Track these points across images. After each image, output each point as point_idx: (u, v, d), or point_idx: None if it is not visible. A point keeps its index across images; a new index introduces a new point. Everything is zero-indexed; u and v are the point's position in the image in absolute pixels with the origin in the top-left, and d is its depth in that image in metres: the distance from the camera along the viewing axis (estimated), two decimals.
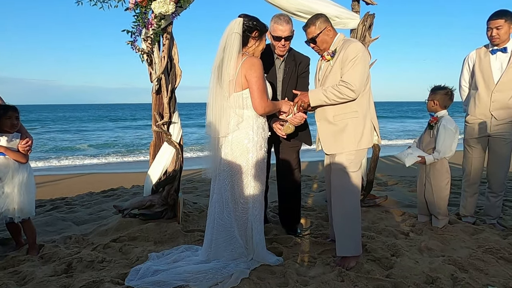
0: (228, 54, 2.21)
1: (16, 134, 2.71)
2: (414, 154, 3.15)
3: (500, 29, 3.02)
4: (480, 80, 3.20)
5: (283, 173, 3.14)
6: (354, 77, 2.36)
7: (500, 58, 3.11)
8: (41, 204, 4.36)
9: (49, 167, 9.58)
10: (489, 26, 3.08)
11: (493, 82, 3.13)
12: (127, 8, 2.94)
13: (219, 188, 2.34)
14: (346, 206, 2.49)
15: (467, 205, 3.40)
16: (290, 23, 2.80)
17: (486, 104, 3.17)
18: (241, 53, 2.26)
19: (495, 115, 3.15)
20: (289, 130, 2.60)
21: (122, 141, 16.81)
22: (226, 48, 2.23)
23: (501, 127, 3.16)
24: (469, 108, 3.31)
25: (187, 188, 5.32)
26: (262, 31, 2.33)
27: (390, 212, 3.71)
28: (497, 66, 3.12)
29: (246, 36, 2.26)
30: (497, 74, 3.12)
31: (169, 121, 3.26)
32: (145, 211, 3.34)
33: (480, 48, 3.27)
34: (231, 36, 2.22)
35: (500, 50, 3.09)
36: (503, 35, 3.03)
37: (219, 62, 2.26)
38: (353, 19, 3.46)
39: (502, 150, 3.19)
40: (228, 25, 2.28)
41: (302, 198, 4.26)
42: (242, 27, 2.24)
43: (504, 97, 3.10)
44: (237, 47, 2.22)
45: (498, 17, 3.03)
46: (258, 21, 2.32)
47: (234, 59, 2.20)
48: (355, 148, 2.46)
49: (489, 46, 3.17)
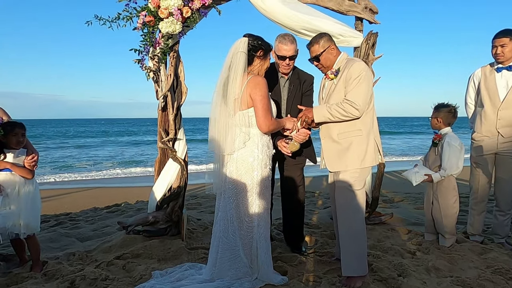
0: (233, 72, 2.25)
1: (22, 150, 2.74)
2: (421, 172, 3.13)
3: (505, 47, 3.05)
4: (486, 98, 3.21)
5: (287, 190, 3.13)
6: (358, 95, 2.38)
7: (506, 76, 3.12)
8: (45, 220, 4.36)
9: (54, 182, 9.62)
10: (494, 44, 3.12)
11: (499, 100, 3.14)
12: (135, 27, 3.01)
13: (224, 206, 2.33)
14: (351, 224, 2.47)
15: (475, 224, 3.35)
16: (294, 43, 2.85)
17: (493, 121, 3.17)
18: (247, 71, 2.29)
19: (502, 133, 3.14)
20: (294, 147, 2.61)
21: (127, 156, 16.89)
22: (232, 66, 2.26)
23: (508, 145, 3.14)
24: (475, 125, 3.31)
25: (191, 204, 5.30)
26: (267, 50, 2.38)
27: (396, 230, 3.66)
28: (502, 84, 3.14)
29: (251, 55, 2.30)
30: (502, 92, 3.13)
31: (175, 138, 3.28)
32: (149, 228, 3.33)
33: (485, 66, 3.29)
34: (236, 55, 2.26)
35: (505, 68, 3.12)
36: (508, 53, 3.06)
37: (224, 80, 2.29)
38: (356, 38, 3.50)
39: (510, 168, 3.16)
40: (234, 44, 2.32)
41: (307, 215, 4.23)
42: (247, 46, 2.28)
43: (510, 115, 3.11)
44: (243, 66, 2.25)
45: (503, 35, 3.07)
46: (263, 41, 2.37)
47: (239, 78, 2.23)
48: (359, 166, 2.46)
49: (494, 64, 3.20)
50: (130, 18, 3.01)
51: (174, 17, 2.88)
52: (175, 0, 2.87)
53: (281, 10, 3.08)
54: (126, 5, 2.97)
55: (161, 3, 2.88)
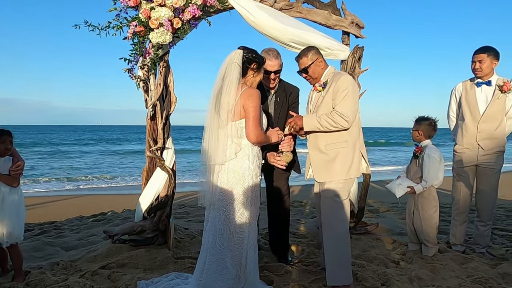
0: (227, 83, 2.27)
1: (8, 158, 2.71)
2: (404, 184, 3.21)
3: (483, 63, 3.19)
4: (466, 112, 3.33)
5: (273, 200, 3.17)
6: (347, 108, 2.47)
7: (485, 90, 3.26)
8: (29, 228, 4.28)
9: (39, 189, 9.43)
10: (473, 60, 3.26)
11: (479, 114, 3.26)
12: (125, 37, 3.03)
13: (213, 217, 2.33)
14: (336, 233, 2.52)
15: (457, 234, 3.43)
16: (278, 58, 2.94)
17: (473, 134, 3.28)
18: (241, 83, 2.32)
19: (482, 145, 3.25)
20: (288, 158, 2.66)
21: (112, 163, 16.69)
22: (226, 77, 2.28)
23: (488, 157, 3.26)
24: (457, 138, 3.43)
25: (178, 213, 5.28)
26: (261, 63, 2.41)
27: (381, 240, 3.72)
28: (482, 98, 3.26)
29: (246, 67, 2.33)
30: (482, 106, 3.26)
31: (163, 147, 3.29)
32: (136, 237, 3.31)
33: (466, 81, 3.43)
34: (231, 66, 2.29)
35: (485, 83, 3.25)
36: (485, 69, 3.20)
37: (218, 91, 2.31)
38: (343, 51, 3.60)
39: (490, 180, 3.27)
40: (228, 55, 2.35)
41: (294, 225, 4.27)
42: (242, 58, 2.31)
43: (490, 128, 3.23)
44: (237, 77, 2.28)
45: (481, 51, 3.22)
46: (257, 54, 2.41)
47: (233, 89, 2.25)
48: (344, 177, 2.52)
49: (474, 79, 3.33)
50: (121, 28, 3.03)
51: (165, 27, 2.91)
52: (166, 11, 2.91)
53: (270, 23, 3.15)
54: (117, 15, 3.00)
55: (152, 14, 2.92)
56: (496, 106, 3.19)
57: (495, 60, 3.21)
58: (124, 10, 3.00)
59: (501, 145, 3.26)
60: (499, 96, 3.18)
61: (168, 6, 2.91)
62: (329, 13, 3.52)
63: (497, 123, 3.22)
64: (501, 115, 3.21)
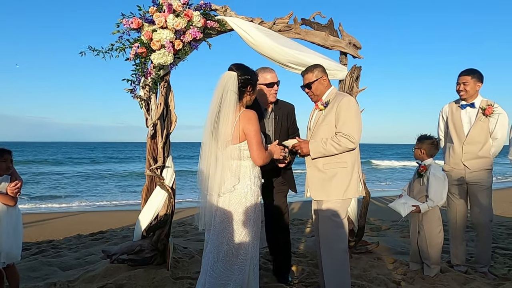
0: (224, 112, 2.24)
1: (6, 177, 2.71)
2: (408, 203, 3.20)
3: (467, 85, 3.29)
4: (453, 132, 3.43)
5: (272, 218, 3.17)
6: (352, 129, 2.51)
7: (469, 112, 3.36)
8: (26, 247, 4.24)
9: (35, 207, 9.37)
10: (458, 81, 3.36)
11: (463, 135, 3.35)
12: (128, 58, 3.10)
13: (214, 240, 2.30)
14: (334, 254, 2.51)
15: (458, 254, 3.41)
16: (274, 71, 3.07)
17: (459, 155, 3.37)
18: (237, 107, 2.30)
19: (468, 165, 3.32)
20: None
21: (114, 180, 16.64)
22: (222, 104, 2.25)
23: (475, 175, 3.32)
24: (445, 158, 3.53)
25: (177, 231, 5.24)
26: (255, 84, 2.42)
27: (382, 259, 3.69)
28: (466, 120, 3.36)
29: (242, 91, 2.32)
30: (466, 127, 3.35)
31: (163, 165, 3.31)
32: (134, 257, 3.28)
33: (452, 103, 3.53)
34: (227, 93, 2.25)
35: (469, 105, 3.35)
36: (470, 91, 3.30)
37: (215, 117, 2.28)
38: (341, 71, 3.66)
39: (481, 196, 3.30)
40: (222, 78, 2.31)
41: (294, 243, 4.23)
42: (237, 84, 2.28)
43: (474, 149, 3.30)
44: (234, 104, 2.26)
45: (466, 74, 3.32)
46: (250, 72, 2.38)
47: (231, 116, 2.24)
48: (341, 197, 2.53)
49: (459, 101, 3.42)
50: (123, 49, 3.10)
51: (166, 49, 2.98)
52: (167, 33, 2.99)
53: (269, 45, 3.22)
54: (119, 37, 3.07)
55: (154, 36, 2.99)
56: (479, 128, 3.28)
57: (479, 83, 3.30)
58: (127, 32, 3.08)
59: (487, 164, 3.32)
60: (482, 118, 3.27)
61: (170, 28, 2.99)
62: (327, 34, 3.60)
63: (480, 145, 3.29)
64: (484, 137, 3.29)
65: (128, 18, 3.05)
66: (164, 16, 2.97)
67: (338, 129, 2.53)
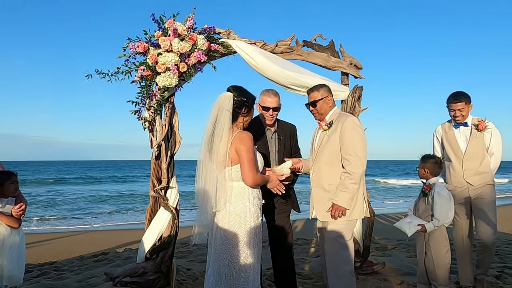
0: (219, 130, 2.28)
1: (10, 199, 2.72)
2: (414, 222, 3.16)
3: (462, 111, 3.34)
4: (450, 152, 3.45)
5: (275, 238, 3.14)
6: (358, 149, 2.54)
7: (464, 131, 3.41)
8: (28, 270, 4.19)
9: (40, 227, 9.32)
10: (452, 108, 3.38)
11: (461, 152, 3.38)
12: (133, 81, 3.16)
13: (215, 262, 2.29)
14: (340, 275, 2.49)
15: (466, 274, 3.36)
16: (277, 96, 3.07)
17: (460, 172, 3.38)
18: (232, 128, 2.33)
19: (470, 182, 3.33)
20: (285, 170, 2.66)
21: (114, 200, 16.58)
22: (217, 124, 2.28)
23: (479, 190, 3.32)
24: (446, 178, 3.52)
25: (181, 252, 5.18)
26: (251, 106, 2.44)
27: (388, 280, 3.62)
28: (462, 138, 3.41)
29: (236, 112, 2.35)
30: (463, 145, 3.39)
31: (167, 186, 3.31)
32: (137, 279, 3.23)
33: (444, 123, 3.58)
34: (221, 112, 2.29)
35: (462, 124, 3.40)
36: (465, 115, 3.36)
37: (210, 136, 2.31)
38: (343, 91, 3.71)
39: (486, 209, 3.27)
40: (218, 99, 2.35)
41: (299, 264, 4.17)
42: (232, 104, 2.32)
43: (474, 165, 3.32)
44: (228, 124, 2.30)
45: (458, 100, 3.32)
46: (247, 95, 2.41)
47: (226, 136, 2.27)
48: (346, 219, 2.52)
49: (452, 122, 3.47)
50: (129, 72, 3.16)
51: (171, 71, 3.04)
52: (172, 56, 3.05)
53: (271, 67, 3.30)
54: (125, 60, 3.14)
55: (159, 59, 3.06)
56: (476, 144, 3.32)
57: (470, 104, 3.37)
58: (133, 55, 3.15)
59: (489, 179, 3.34)
60: (477, 134, 3.31)
61: (175, 51, 3.06)
62: (328, 55, 3.67)
63: (479, 160, 3.32)
64: (482, 152, 3.33)
65: (134, 42, 3.13)
66: (170, 40, 3.05)
67: (343, 150, 2.55)
